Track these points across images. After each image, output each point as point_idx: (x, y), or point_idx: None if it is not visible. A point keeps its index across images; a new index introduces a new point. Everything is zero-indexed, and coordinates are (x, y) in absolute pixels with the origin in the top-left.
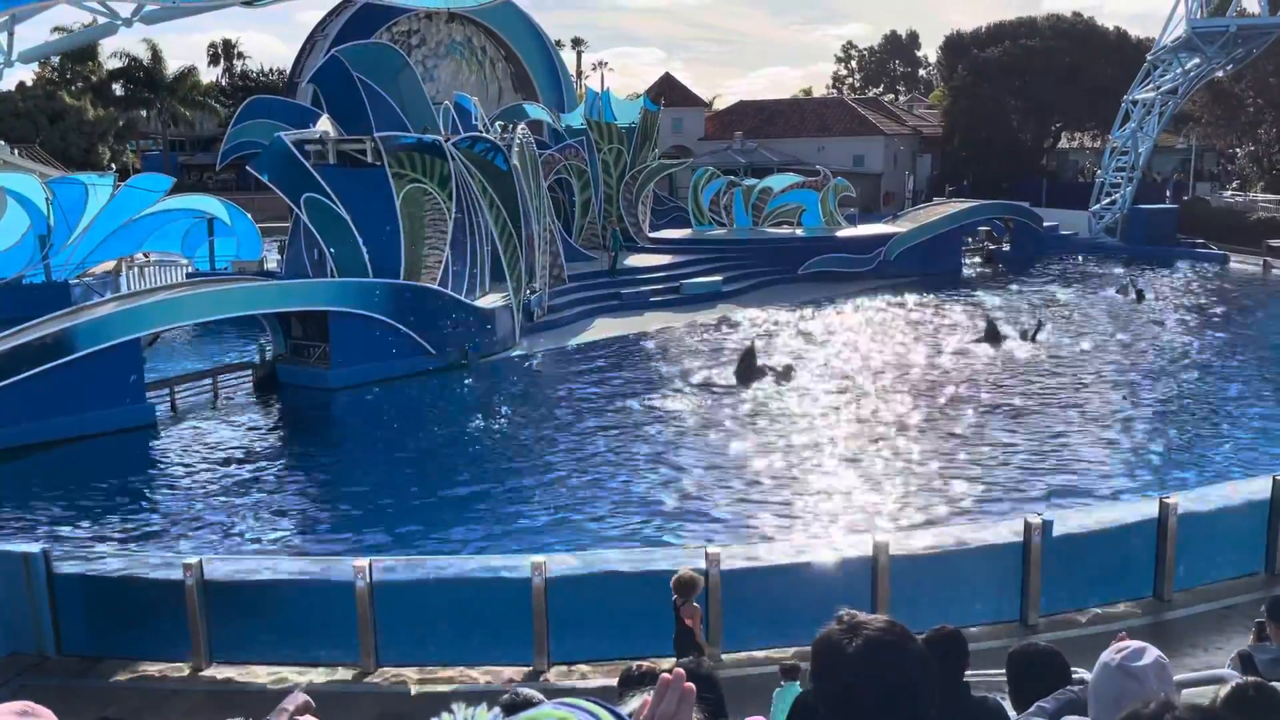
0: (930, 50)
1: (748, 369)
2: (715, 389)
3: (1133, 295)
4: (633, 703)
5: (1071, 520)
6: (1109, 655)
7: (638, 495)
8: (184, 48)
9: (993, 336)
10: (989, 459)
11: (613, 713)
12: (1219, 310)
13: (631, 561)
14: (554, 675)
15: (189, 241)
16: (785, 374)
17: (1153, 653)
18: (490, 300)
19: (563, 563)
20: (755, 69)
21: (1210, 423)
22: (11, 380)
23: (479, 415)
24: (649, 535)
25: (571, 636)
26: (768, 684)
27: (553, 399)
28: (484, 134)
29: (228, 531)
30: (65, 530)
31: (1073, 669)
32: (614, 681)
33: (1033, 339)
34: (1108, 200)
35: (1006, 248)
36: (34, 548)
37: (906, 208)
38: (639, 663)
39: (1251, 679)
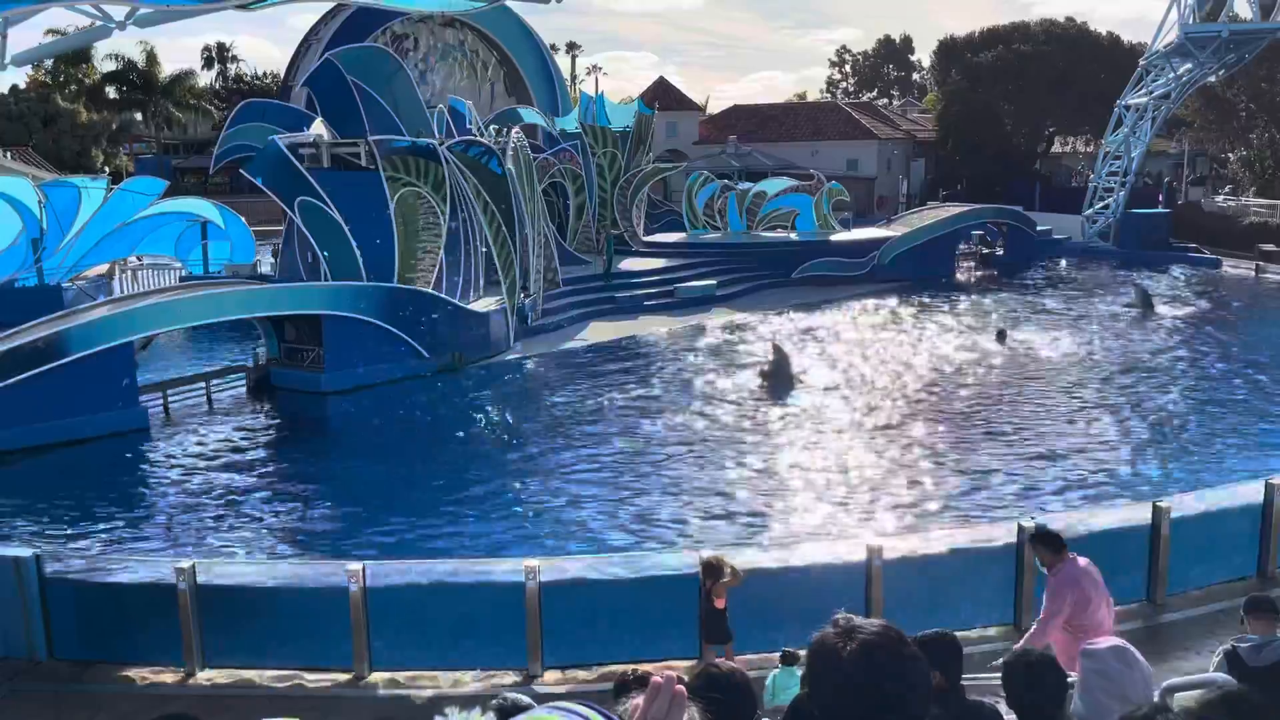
0: (924, 55)
1: (780, 375)
2: (710, 390)
3: (1143, 304)
4: (624, 708)
5: (1065, 523)
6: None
7: (632, 498)
8: (178, 51)
9: (1145, 303)
10: (984, 462)
11: (605, 716)
12: (1213, 314)
13: (625, 565)
14: (548, 679)
15: (182, 245)
16: (767, 375)
17: (1115, 640)
18: (484, 304)
19: (556, 566)
20: (748, 73)
21: (1204, 426)
22: (4, 384)
23: (472, 419)
24: (643, 538)
25: (566, 641)
26: (763, 688)
27: (546, 403)
28: (478, 138)
29: (221, 535)
30: (58, 534)
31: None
32: (608, 686)
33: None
34: (1100, 205)
35: (1000, 252)
36: (26, 552)
37: (900, 212)
38: (633, 667)
39: (1228, 689)
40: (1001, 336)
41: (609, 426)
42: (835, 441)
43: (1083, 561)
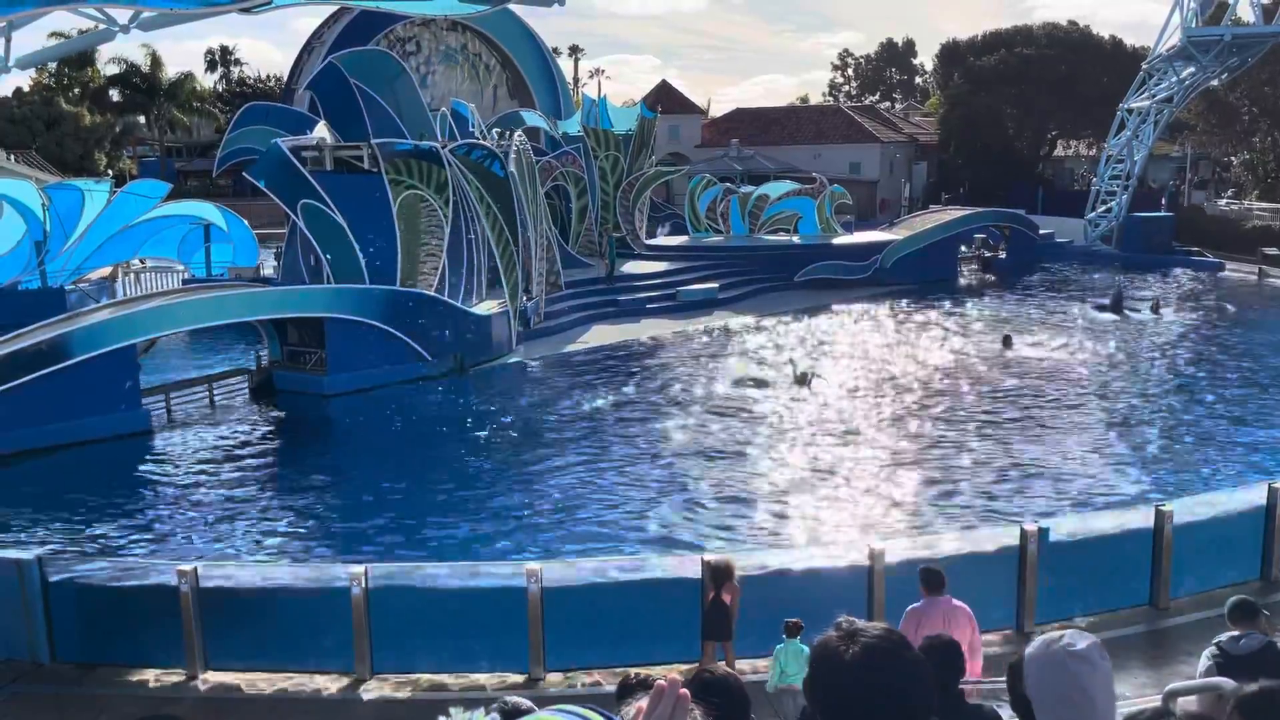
0: (926, 58)
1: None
2: (711, 393)
3: (1115, 309)
4: (628, 710)
5: (1068, 528)
6: (1047, 649)
7: (634, 502)
8: (180, 54)
9: (1117, 307)
10: (988, 465)
11: (607, 718)
12: (1216, 318)
13: (627, 569)
14: (550, 682)
15: (185, 247)
16: (804, 380)
17: (1087, 635)
18: (487, 307)
19: (558, 570)
20: (750, 76)
21: (1207, 430)
22: (7, 386)
23: (475, 422)
24: (645, 542)
25: (568, 644)
26: (768, 692)
27: (548, 406)
28: (481, 141)
29: (223, 538)
30: (60, 537)
31: None
32: (611, 688)
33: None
34: (1103, 208)
35: (1003, 255)
36: (28, 555)
37: (903, 215)
38: (636, 670)
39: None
40: (1008, 342)
41: (611, 429)
42: (839, 445)
43: (957, 604)
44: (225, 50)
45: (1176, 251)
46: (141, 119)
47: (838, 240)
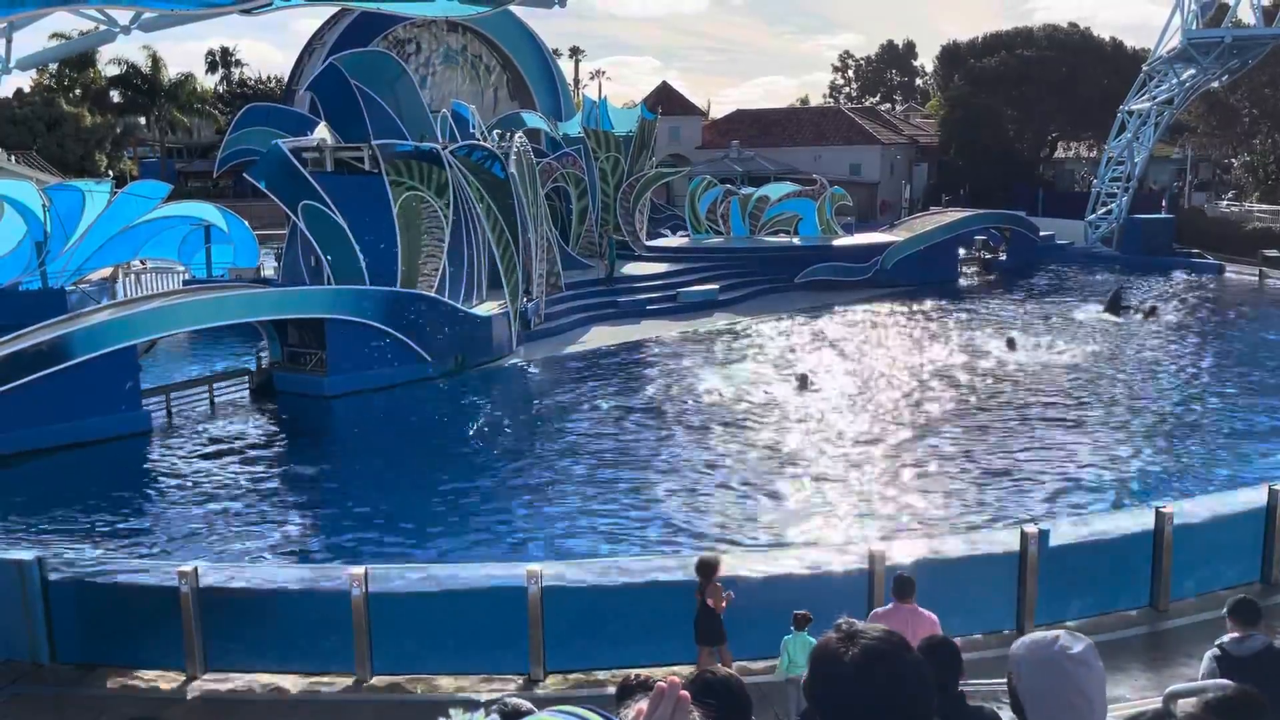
0: (927, 60)
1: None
2: (711, 395)
3: (1113, 309)
4: (628, 712)
5: (1068, 530)
6: (1043, 652)
7: (634, 503)
8: (181, 55)
9: (1115, 307)
10: (988, 467)
11: (607, 719)
12: (1216, 320)
13: (627, 570)
14: (550, 684)
15: (186, 248)
16: (804, 382)
17: (1081, 637)
18: (487, 308)
19: (558, 571)
20: (750, 78)
21: (1207, 432)
22: (8, 387)
23: (475, 423)
24: (645, 543)
25: (568, 645)
26: (769, 693)
27: (549, 407)
28: (481, 142)
29: (223, 539)
30: (60, 537)
31: None
32: (611, 690)
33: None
34: (1104, 210)
35: (1003, 257)
36: (28, 555)
37: (903, 216)
38: (637, 671)
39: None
40: (1011, 344)
41: (611, 431)
42: (840, 446)
43: (922, 612)
44: (226, 51)
45: (1177, 253)
46: (142, 120)
47: (838, 242)
